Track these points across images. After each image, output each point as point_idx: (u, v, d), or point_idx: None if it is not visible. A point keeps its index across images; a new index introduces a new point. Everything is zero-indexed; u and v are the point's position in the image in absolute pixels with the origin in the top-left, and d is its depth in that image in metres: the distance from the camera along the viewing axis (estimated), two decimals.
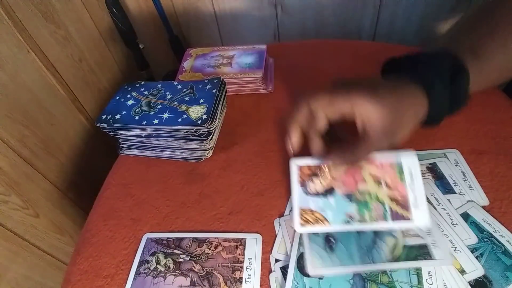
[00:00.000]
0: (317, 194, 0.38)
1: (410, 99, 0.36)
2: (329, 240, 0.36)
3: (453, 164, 0.42)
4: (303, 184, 0.39)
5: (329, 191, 0.38)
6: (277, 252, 0.37)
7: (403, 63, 0.40)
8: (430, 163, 0.42)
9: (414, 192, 0.36)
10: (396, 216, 0.36)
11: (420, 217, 0.35)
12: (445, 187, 0.40)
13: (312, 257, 0.35)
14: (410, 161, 0.38)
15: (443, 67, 0.37)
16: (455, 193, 0.39)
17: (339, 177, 0.39)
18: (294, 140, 0.39)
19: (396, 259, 0.34)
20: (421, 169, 0.37)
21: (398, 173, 0.38)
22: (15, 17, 0.57)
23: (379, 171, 0.38)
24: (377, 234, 0.36)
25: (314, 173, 0.39)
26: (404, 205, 0.36)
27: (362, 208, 0.37)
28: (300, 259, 0.35)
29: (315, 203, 0.38)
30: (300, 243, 0.36)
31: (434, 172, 0.42)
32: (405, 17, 0.85)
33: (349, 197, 0.38)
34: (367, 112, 0.34)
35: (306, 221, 0.37)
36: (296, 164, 0.40)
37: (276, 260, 0.36)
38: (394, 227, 0.35)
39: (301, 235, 0.37)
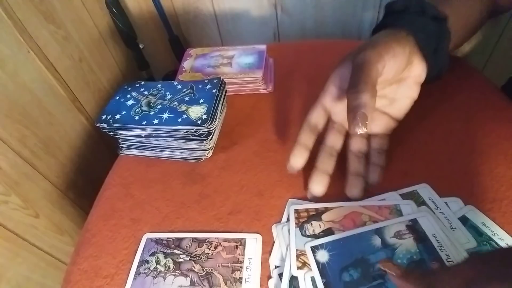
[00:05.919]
0: (315, 235, 0.37)
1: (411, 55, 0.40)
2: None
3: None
4: (300, 227, 0.38)
5: (327, 233, 0.37)
6: (275, 257, 0.36)
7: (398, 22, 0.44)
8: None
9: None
10: None
11: None
12: None
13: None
14: (409, 208, 0.38)
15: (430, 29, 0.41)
16: None
17: (338, 220, 0.38)
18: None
19: None
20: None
21: (397, 217, 0.37)
22: (15, 17, 0.57)
23: (378, 215, 0.37)
24: None
25: (311, 216, 0.38)
26: None
27: None
28: (293, 280, 0.33)
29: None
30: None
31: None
32: None
33: None
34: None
35: (304, 264, 0.34)
36: (293, 209, 0.39)
37: (276, 267, 0.36)
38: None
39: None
